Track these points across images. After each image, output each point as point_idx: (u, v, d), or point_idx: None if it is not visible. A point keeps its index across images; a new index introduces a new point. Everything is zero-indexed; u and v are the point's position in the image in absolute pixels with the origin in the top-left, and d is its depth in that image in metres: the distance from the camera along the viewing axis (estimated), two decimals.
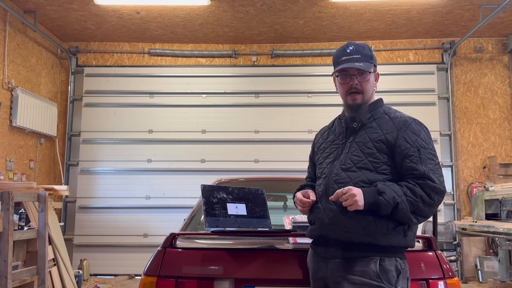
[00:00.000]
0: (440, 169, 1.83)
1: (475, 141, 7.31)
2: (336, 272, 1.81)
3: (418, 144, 1.83)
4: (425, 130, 1.90)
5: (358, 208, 1.72)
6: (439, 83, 7.39)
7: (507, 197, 5.95)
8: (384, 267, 1.75)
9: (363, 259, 1.76)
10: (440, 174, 1.81)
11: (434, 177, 1.78)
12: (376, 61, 2.03)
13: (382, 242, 1.76)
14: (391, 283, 1.73)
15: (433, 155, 1.84)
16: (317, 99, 7.34)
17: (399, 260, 1.79)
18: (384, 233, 1.76)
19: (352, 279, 1.75)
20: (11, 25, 6.16)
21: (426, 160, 1.80)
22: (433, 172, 1.79)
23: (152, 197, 7.28)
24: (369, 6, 6.21)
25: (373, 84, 1.99)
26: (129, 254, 7.04)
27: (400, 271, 1.77)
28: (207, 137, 7.38)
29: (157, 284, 2.03)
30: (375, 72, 2.01)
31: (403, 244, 1.81)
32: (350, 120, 1.96)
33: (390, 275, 1.74)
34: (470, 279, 6.76)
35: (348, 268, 1.78)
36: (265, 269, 2.06)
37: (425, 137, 1.87)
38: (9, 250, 3.65)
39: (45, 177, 7.15)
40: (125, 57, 7.65)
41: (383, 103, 2.03)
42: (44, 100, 6.88)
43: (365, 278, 1.74)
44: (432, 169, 1.80)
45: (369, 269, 1.74)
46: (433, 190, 1.76)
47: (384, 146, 1.84)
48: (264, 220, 2.46)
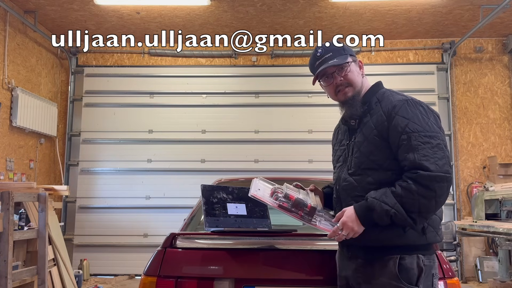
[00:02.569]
0: (440, 151, 1.64)
1: (475, 141, 7.31)
2: (357, 273, 1.79)
3: (409, 129, 1.68)
4: (421, 110, 1.73)
5: (360, 232, 1.70)
6: (439, 83, 7.39)
7: (507, 197, 5.95)
8: (404, 265, 1.67)
9: (382, 258, 1.71)
10: (438, 157, 1.63)
11: (428, 163, 1.61)
12: (351, 50, 1.93)
13: (400, 242, 1.69)
14: (412, 282, 1.66)
15: (429, 137, 1.66)
16: (317, 99, 7.34)
17: (422, 257, 1.69)
18: (401, 235, 1.68)
19: (373, 279, 1.72)
20: (11, 25, 6.17)
21: (418, 146, 1.64)
22: (426, 158, 1.62)
23: (152, 197, 7.28)
24: (369, 6, 6.21)
25: (358, 72, 1.91)
26: (129, 254, 7.04)
27: (422, 269, 1.68)
28: (207, 137, 7.38)
29: (157, 284, 2.03)
30: (356, 61, 1.92)
31: (423, 241, 1.70)
32: (349, 118, 1.90)
33: (411, 273, 1.67)
34: (470, 279, 6.76)
35: (368, 269, 1.75)
36: (265, 269, 2.06)
37: (419, 119, 1.70)
38: (9, 250, 3.65)
39: (45, 177, 7.15)
40: (125, 57, 7.65)
41: (379, 88, 1.91)
42: (44, 100, 6.88)
43: (385, 278, 1.69)
44: (426, 154, 1.63)
45: (388, 269, 1.69)
46: (429, 179, 1.60)
47: (380, 141, 1.75)
48: (264, 220, 2.46)
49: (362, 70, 1.93)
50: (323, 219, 1.85)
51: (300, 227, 3.26)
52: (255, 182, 2.00)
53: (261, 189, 1.96)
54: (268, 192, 1.94)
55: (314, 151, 7.08)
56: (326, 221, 1.85)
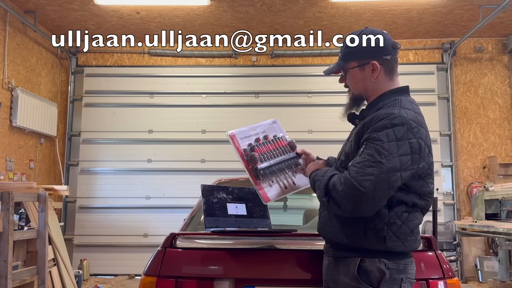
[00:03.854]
0: (374, 168, 1.57)
1: (475, 141, 7.31)
2: (328, 270, 1.82)
3: (370, 137, 1.64)
4: (397, 129, 1.62)
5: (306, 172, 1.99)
6: (439, 83, 7.39)
7: (507, 197, 5.95)
8: (364, 268, 1.67)
9: (346, 259, 1.73)
10: (366, 173, 1.57)
11: (354, 169, 1.60)
12: (361, 53, 1.84)
13: (359, 245, 1.69)
14: (372, 284, 1.65)
15: (377, 152, 1.59)
16: (317, 99, 7.34)
17: (385, 260, 1.66)
18: (360, 237, 1.69)
19: (338, 278, 1.75)
20: (11, 25, 6.17)
21: (363, 153, 1.63)
22: (358, 167, 1.59)
23: (152, 197, 7.28)
24: (369, 6, 6.21)
25: (361, 78, 1.84)
26: (129, 254, 7.04)
27: (384, 272, 1.65)
28: (207, 137, 7.37)
29: (157, 284, 2.03)
30: (361, 65, 1.83)
31: (382, 248, 1.67)
32: (353, 117, 1.90)
33: (371, 276, 1.66)
34: (470, 279, 6.76)
35: (336, 267, 1.77)
36: (265, 269, 2.06)
37: (387, 134, 1.61)
38: (9, 250, 3.65)
39: (45, 177, 7.15)
40: (125, 57, 7.65)
41: (397, 94, 1.82)
42: (44, 100, 6.88)
43: (347, 278, 1.70)
44: (360, 161, 1.61)
45: (349, 270, 1.70)
46: (344, 180, 1.60)
47: (356, 146, 1.74)
48: (264, 220, 2.46)
49: (373, 74, 1.82)
50: (276, 181, 2.05)
51: (300, 227, 3.26)
52: (267, 124, 2.24)
53: (254, 134, 2.19)
54: (254, 138, 2.16)
55: (315, 151, 7.05)
56: (275, 184, 2.04)
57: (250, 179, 2.02)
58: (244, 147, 2.11)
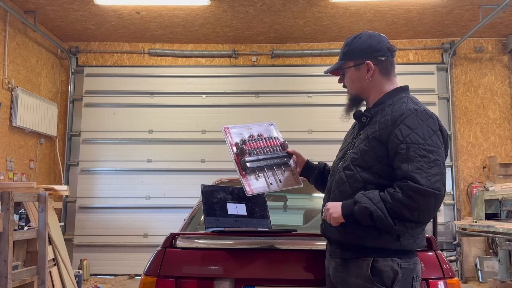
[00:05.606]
0: (436, 167, 1.61)
1: (475, 141, 7.31)
2: (336, 272, 1.81)
3: (409, 139, 1.65)
4: (429, 123, 1.69)
5: (338, 220, 1.73)
6: (439, 83, 7.39)
7: (507, 197, 5.95)
8: (377, 268, 1.67)
9: (357, 260, 1.72)
10: (432, 173, 1.59)
11: (420, 176, 1.58)
12: (357, 53, 1.89)
13: (373, 244, 1.69)
14: (386, 284, 1.66)
15: (428, 151, 1.62)
16: (317, 99, 7.34)
17: (398, 260, 1.68)
18: (374, 237, 1.69)
19: (349, 280, 1.74)
20: (11, 25, 6.16)
21: (414, 157, 1.61)
22: (419, 172, 1.59)
23: (152, 197, 7.28)
24: (369, 6, 6.21)
25: (357, 78, 1.90)
26: (129, 254, 7.04)
27: (397, 271, 1.66)
28: (207, 137, 7.37)
29: (157, 284, 2.03)
30: (357, 65, 1.89)
31: (396, 247, 1.69)
32: (360, 115, 1.90)
33: (385, 276, 1.66)
34: (470, 279, 6.76)
35: (345, 269, 1.76)
36: (265, 269, 2.06)
37: (423, 131, 1.66)
38: (9, 250, 3.65)
39: (45, 177, 7.15)
40: (125, 57, 7.65)
41: (400, 92, 1.87)
42: (44, 100, 6.88)
43: (359, 280, 1.70)
44: (420, 167, 1.60)
45: (362, 271, 1.70)
46: (415, 191, 1.57)
47: (377, 144, 1.73)
48: (264, 220, 2.45)
49: (368, 74, 1.87)
50: (263, 176, 2.11)
51: (300, 227, 3.26)
52: (263, 125, 2.35)
53: (248, 131, 2.26)
54: (248, 135, 2.24)
55: (315, 150, 7.07)
56: (261, 179, 2.10)
57: (237, 170, 2.12)
58: (236, 140, 2.21)
